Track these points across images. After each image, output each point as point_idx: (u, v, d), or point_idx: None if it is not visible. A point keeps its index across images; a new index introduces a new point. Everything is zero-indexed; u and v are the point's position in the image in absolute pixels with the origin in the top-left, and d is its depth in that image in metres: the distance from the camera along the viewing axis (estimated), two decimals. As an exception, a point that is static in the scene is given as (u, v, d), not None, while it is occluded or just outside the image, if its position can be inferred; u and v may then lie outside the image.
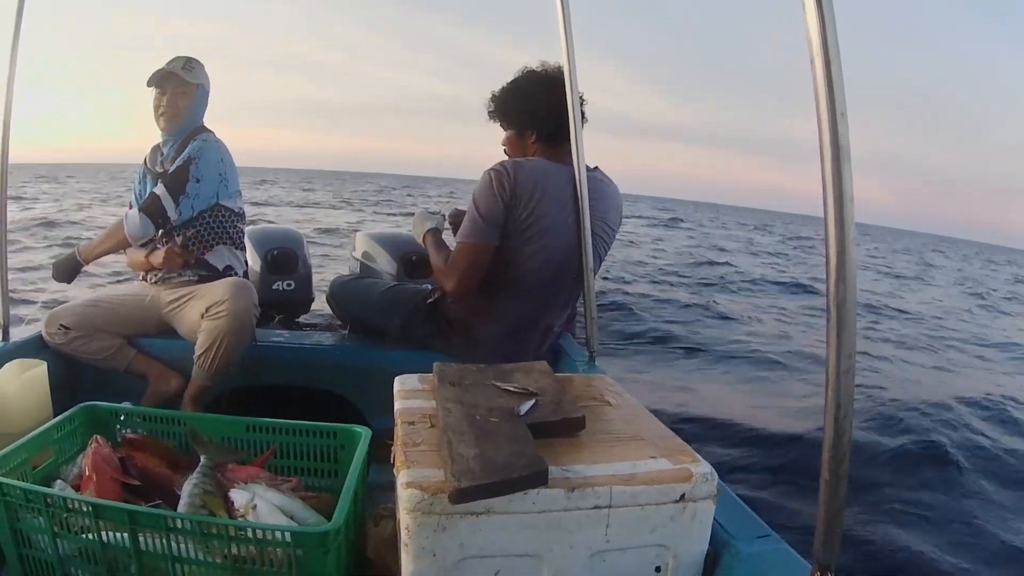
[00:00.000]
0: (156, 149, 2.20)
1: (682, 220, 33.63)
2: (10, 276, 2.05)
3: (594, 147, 2.01)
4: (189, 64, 2.08)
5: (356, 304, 2.28)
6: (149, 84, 2.08)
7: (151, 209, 2.01)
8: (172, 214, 2.02)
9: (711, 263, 13.90)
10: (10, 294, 2.05)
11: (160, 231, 2.06)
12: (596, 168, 2.06)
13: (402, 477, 0.92)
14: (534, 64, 2.05)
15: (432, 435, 1.04)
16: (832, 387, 0.80)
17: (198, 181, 2.04)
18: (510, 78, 2.05)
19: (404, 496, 0.90)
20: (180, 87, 2.07)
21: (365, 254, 2.94)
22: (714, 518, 0.99)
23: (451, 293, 1.95)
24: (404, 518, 0.91)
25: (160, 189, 2.01)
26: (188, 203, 2.03)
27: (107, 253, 2.12)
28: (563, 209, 1.93)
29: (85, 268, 2.13)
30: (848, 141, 0.78)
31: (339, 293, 2.34)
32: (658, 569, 0.98)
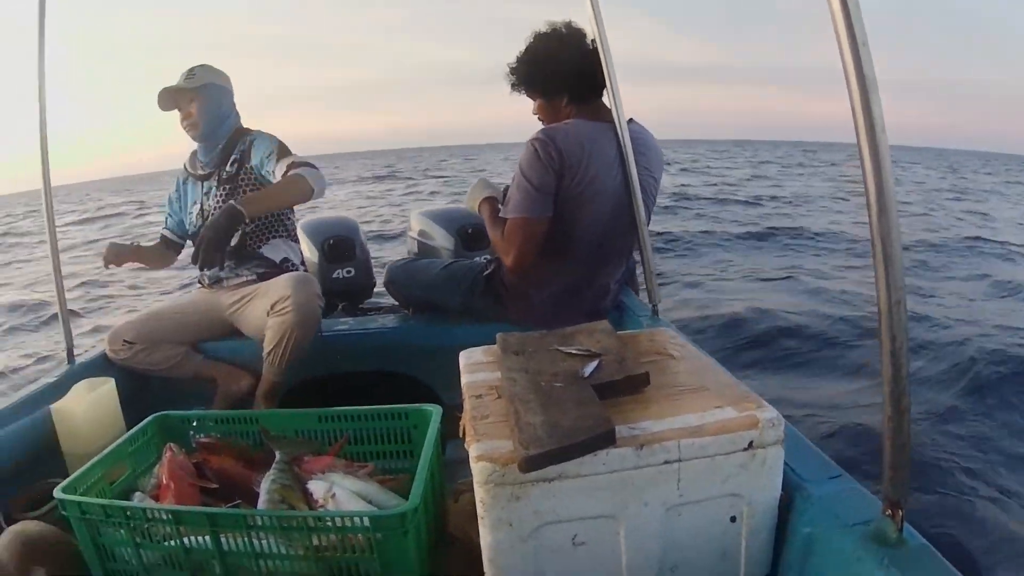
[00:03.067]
0: (194, 154, 2.24)
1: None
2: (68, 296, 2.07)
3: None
4: (190, 73, 2.10)
5: (414, 285, 2.28)
6: (163, 109, 2.13)
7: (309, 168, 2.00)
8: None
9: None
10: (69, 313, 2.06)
11: None
12: (632, 120, 2.01)
13: (472, 451, 0.94)
14: (541, 26, 2.00)
15: (499, 406, 1.06)
16: (885, 321, 0.80)
17: None
18: (522, 46, 2.00)
19: (476, 469, 0.92)
20: (188, 96, 2.09)
21: (422, 232, 2.91)
22: (784, 462, 0.98)
23: (510, 269, 1.94)
24: (478, 491, 0.93)
25: (287, 160, 2.03)
26: None
27: (277, 208, 2.12)
28: (611, 168, 1.90)
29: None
30: (872, 70, 0.76)
31: (397, 277, 2.34)
32: (733, 519, 0.98)
